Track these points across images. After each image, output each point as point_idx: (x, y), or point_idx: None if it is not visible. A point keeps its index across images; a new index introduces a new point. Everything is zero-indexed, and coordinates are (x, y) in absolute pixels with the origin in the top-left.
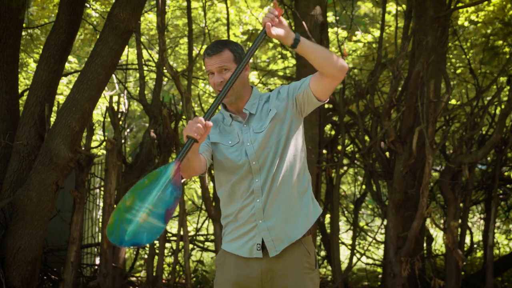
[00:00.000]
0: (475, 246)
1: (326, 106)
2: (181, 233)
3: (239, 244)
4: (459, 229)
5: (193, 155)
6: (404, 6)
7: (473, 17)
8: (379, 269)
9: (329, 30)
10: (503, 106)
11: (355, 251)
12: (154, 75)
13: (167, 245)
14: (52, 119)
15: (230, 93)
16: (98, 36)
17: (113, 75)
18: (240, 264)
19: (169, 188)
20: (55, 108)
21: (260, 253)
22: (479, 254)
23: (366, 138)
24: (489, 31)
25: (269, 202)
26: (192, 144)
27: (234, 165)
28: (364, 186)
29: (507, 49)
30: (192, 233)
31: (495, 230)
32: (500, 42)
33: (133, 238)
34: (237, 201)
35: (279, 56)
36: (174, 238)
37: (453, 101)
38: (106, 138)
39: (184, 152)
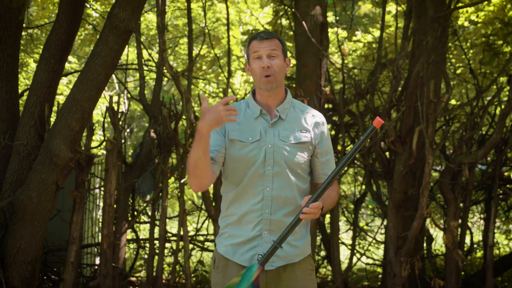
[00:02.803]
0: (475, 246)
1: (326, 106)
2: (181, 233)
3: (240, 251)
4: (459, 229)
5: (204, 162)
6: (404, 6)
7: (473, 17)
8: (379, 269)
9: (329, 30)
10: (503, 106)
11: (355, 251)
12: (154, 75)
13: (167, 245)
14: (52, 119)
15: (273, 79)
16: (98, 36)
17: (113, 75)
18: (243, 267)
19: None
20: (55, 108)
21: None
22: (479, 254)
23: None
24: (489, 31)
25: (278, 217)
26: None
27: (249, 163)
28: (364, 186)
29: (507, 49)
30: (192, 233)
31: (495, 230)
32: (500, 42)
33: None
34: (245, 203)
35: None
36: (174, 238)
37: (453, 101)
38: (106, 138)
39: (268, 255)
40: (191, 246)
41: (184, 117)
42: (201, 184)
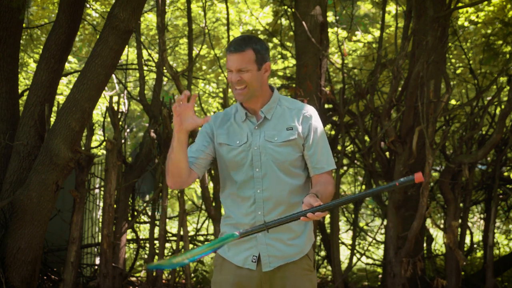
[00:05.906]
0: (475, 246)
1: (326, 106)
2: (181, 233)
3: (235, 251)
4: (459, 229)
5: (180, 157)
6: (404, 6)
7: (473, 17)
8: (379, 269)
9: (329, 30)
10: (503, 106)
11: (355, 251)
12: (154, 75)
13: (167, 245)
14: (52, 119)
15: (245, 91)
16: (98, 36)
17: (113, 75)
18: (238, 267)
19: (212, 250)
20: (55, 108)
21: (254, 265)
22: (479, 254)
23: (366, 138)
24: (489, 31)
25: (272, 218)
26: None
27: (238, 166)
28: (364, 186)
29: (507, 49)
30: (192, 233)
31: (495, 230)
32: (500, 42)
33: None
34: (239, 206)
35: (279, 56)
36: (174, 238)
37: (453, 101)
38: (106, 138)
39: (251, 232)
40: (191, 246)
41: None
42: (175, 181)
